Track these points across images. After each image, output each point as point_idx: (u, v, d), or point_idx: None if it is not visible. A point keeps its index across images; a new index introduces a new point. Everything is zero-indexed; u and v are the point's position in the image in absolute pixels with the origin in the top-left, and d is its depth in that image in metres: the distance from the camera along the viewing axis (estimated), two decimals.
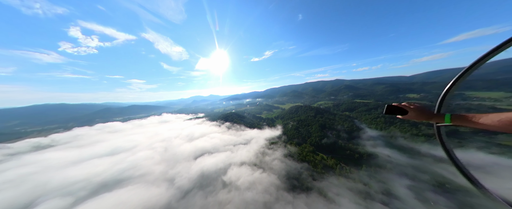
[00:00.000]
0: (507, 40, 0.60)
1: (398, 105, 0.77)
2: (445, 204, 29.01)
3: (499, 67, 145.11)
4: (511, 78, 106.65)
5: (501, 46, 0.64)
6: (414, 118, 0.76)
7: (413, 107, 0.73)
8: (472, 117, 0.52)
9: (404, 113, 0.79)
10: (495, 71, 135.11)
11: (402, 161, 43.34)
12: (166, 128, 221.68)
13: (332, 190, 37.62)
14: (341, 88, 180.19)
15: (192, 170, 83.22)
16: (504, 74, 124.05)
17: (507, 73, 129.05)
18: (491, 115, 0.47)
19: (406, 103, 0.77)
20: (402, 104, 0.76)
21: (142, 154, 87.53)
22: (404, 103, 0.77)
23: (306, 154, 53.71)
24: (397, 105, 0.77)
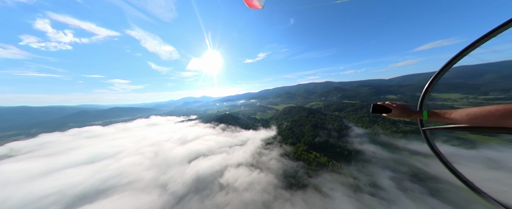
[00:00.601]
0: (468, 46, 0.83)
1: (382, 104, 0.85)
2: (419, 191, 33.88)
3: (456, 72, 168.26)
4: (464, 82, 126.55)
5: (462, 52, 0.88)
6: (397, 116, 0.85)
7: (395, 106, 0.82)
8: (445, 113, 0.62)
9: (388, 112, 0.88)
10: (453, 76, 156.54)
11: (385, 156, 48.50)
12: (155, 132, 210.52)
13: (326, 185, 40.91)
14: (330, 90, 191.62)
15: (186, 174, 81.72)
16: (459, 79, 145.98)
17: (461, 78, 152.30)
18: (460, 110, 0.55)
19: (389, 102, 0.86)
20: (386, 103, 0.84)
21: (129, 160, 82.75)
22: (388, 102, 0.86)
23: (301, 153, 56.59)
24: (381, 104, 0.86)
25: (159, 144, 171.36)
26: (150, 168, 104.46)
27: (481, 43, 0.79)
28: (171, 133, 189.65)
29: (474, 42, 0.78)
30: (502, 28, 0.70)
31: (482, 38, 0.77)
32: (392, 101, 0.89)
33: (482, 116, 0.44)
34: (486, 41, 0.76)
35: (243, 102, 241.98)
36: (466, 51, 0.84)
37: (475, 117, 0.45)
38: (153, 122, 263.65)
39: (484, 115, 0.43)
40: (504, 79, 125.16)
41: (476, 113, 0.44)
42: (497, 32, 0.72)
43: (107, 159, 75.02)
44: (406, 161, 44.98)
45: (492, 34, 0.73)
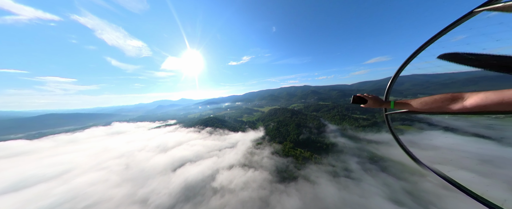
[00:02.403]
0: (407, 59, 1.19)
1: (360, 96, 1.00)
2: (375, 169, 46.45)
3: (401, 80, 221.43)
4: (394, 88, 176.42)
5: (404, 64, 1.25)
6: (371, 106, 1.00)
7: (371, 97, 0.98)
8: (408, 101, 0.81)
9: (365, 102, 1.03)
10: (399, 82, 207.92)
11: (352, 146, 61.64)
12: (122, 141, 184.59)
13: (313, 174, 49.71)
14: (308, 93, 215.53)
15: (172, 183, 78.46)
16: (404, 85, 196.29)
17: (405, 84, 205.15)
18: (417, 99, 0.74)
19: (366, 94, 1.00)
20: (364, 94, 0.99)
21: (86, 178, 70.68)
22: (365, 94, 1.01)
23: (288, 150, 64.40)
24: (360, 96, 1.01)
25: (130, 155, 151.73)
26: (121, 184, 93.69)
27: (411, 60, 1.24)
28: (145, 141, 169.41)
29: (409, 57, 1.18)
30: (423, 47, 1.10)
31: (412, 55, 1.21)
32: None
33: (431, 102, 0.65)
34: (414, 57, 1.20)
35: (228, 105, 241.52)
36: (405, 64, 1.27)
37: (425, 103, 0.66)
38: (117, 130, 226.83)
39: (431, 102, 0.64)
40: (415, 86, 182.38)
41: (427, 101, 0.66)
42: (420, 51, 1.13)
43: (45, 182, 60.03)
44: (365, 148, 58.92)
45: (416, 53, 1.15)
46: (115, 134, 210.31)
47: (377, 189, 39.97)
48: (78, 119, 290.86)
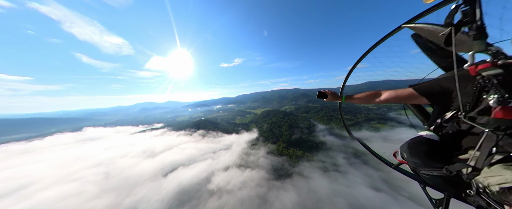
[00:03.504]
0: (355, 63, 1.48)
1: (322, 91, 1.23)
2: (359, 162, 53.37)
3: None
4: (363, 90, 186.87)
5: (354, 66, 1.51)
6: (331, 100, 1.25)
7: (329, 92, 1.21)
8: (354, 96, 1.08)
9: (326, 97, 1.25)
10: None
11: (338, 143, 68.72)
12: (98, 148, 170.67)
13: (306, 171, 54.60)
14: (298, 95, 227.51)
15: (164, 189, 76.63)
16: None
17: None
18: (360, 94, 1.05)
19: (327, 90, 1.24)
20: (325, 90, 1.21)
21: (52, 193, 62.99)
22: (327, 90, 1.23)
23: (282, 149, 68.58)
24: (322, 92, 1.23)
25: (109, 163, 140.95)
26: (100, 195, 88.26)
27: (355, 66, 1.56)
28: (127, 146, 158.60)
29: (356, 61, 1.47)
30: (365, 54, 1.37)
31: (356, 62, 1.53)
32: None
33: (366, 96, 0.98)
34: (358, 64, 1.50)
35: (220, 107, 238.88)
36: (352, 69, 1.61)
37: (363, 97, 0.99)
38: (91, 136, 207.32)
39: (366, 96, 0.97)
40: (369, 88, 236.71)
41: (363, 95, 0.99)
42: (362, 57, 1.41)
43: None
44: (350, 144, 66.45)
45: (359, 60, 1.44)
46: (88, 141, 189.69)
47: (360, 179, 46.39)
48: (35, 125, 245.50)
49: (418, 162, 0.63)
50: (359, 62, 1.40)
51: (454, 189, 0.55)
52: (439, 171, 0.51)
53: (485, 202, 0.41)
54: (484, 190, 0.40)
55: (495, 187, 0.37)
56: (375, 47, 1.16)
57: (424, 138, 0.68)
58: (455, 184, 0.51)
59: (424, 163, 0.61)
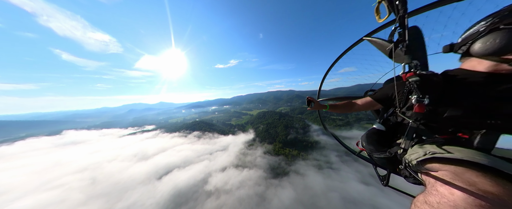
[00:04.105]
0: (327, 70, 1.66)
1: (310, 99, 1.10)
2: (350, 160, 57.21)
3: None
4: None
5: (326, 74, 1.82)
6: (316, 108, 1.10)
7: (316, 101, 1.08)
8: (336, 104, 1.09)
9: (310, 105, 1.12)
10: None
11: (331, 142, 72.58)
12: (82, 152, 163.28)
13: (302, 169, 57.31)
14: (293, 97, 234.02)
15: (158, 192, 75.40)
16: None
17: None
18: (340, 103, 1.08)
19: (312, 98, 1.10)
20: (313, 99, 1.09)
21: (30, 202, 58.40)
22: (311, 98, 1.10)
23: (278, 149, 70.85)
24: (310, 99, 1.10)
25: (96, 168, 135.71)
26: (87, 202, 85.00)
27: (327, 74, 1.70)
28: (116, 150, 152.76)
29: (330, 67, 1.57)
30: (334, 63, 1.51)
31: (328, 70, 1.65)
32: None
33: (344, 106, 1.02)
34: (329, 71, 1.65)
35: (215, 108, 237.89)
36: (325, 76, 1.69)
37: (342, 107, 1.03)
38: (72, 139, 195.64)
39: (344, 106, 1.02)
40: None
41: (343, 105, 1.03)
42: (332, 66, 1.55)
43: None
44: None
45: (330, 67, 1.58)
46: (69, 145, 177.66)
47: (352, 175, 49.94)
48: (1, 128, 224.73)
49: (371, 148, 0.85)
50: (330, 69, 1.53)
51: (392, 166, 0.77)
52: (384, 153, 0.72)
53: (409, 173, 0.60)
54: (408, 164, 0.56)
55: (414, 161, 0.53)
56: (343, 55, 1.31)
57: (375, 129, 0.93)
58: (393, 162, 0.70)
59: (375, 149, 0.83)
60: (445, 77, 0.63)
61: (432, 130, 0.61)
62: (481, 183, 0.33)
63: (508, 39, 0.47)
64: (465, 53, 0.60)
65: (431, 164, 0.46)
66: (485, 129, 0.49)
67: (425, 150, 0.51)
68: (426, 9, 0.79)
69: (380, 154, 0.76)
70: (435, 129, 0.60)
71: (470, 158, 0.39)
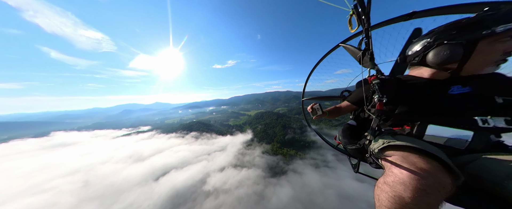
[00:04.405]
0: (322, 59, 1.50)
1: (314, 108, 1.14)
2: (345, 158, 59.46)
3: None
4: None
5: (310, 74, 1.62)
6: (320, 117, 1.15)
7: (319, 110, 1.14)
8: (330, 110, 1.15)
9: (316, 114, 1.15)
10: None
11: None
12: (72, 154, 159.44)
13: (300, 168, 58.95)
14: (291, 98, 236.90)
15: (156, 193, 75.21)
16: None
17: None
18: (331, 107, 1.18)
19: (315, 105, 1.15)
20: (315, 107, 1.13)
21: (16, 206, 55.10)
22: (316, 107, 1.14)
23: (276, 149, 72.26)
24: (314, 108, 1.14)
25: (89, 170, 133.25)
26: (79, 205, 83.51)
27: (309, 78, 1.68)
28: (109, 151, 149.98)
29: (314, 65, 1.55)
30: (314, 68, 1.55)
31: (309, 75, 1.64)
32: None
33: (335, 111, 1.14)
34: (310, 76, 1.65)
35: (213, 109, 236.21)
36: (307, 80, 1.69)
37: (334, 111, 1.14)
38: (61, 141, 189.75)
39: (335, 111, 1.14)
40: None
41: (333, 110, 1.14)
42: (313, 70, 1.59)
43: None
44: None
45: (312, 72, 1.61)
46: (58, 147, 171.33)
47: (347, 173, 51.97)
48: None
49: (345, 141, 1.00)
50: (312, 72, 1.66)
51: (361, 155, 0.90)
52: (355, 145, 0.86)
53: (372, 160, 0.72)
54: (372, 153, 0.68)
55: (375, 150, 0.65)
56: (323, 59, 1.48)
57: (349, 125, 1.09)
58: (362, 152, 0.83)
59: (349, 141, 0.97)
60: (397, 81, 0.81)
61: (396, 124, 0.78)
62: (419, 163, 0.46)
63: (450, 52, 0.61)
64: (417, 63, 0.76)
65: (388, 151, 0.59)
66: (420, 121, 0.67)
67: (383, 140, 0.64)
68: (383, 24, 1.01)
69: (352, 145, 0.89)
70: (391, 123, 0.78)
71: (411, 144, 0.54)
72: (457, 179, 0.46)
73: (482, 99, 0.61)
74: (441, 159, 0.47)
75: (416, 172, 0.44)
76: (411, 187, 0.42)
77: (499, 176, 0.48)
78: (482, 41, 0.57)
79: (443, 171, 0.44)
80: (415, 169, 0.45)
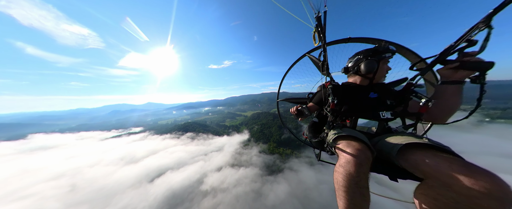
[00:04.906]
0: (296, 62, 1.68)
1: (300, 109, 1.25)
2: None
3: None
4: None
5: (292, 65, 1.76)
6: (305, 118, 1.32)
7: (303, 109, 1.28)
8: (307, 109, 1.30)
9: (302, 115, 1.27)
10: None
11: None
12: (56, 158, 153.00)
13: (295, 166, 61.52)
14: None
15: (151, 195, 74.51)
16: None
17: None
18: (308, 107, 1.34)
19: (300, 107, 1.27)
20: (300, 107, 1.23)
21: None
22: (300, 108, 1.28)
23: (273, 148, 74.44)
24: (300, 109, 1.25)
25: (75, 174, 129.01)
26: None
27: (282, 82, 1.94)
28: (98, 154, 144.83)
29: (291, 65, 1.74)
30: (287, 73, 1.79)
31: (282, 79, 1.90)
32: None
33: (312, 109, 1.32)
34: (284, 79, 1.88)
35: (209, 109, 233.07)
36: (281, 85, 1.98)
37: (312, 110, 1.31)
38: (41, 144, 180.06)
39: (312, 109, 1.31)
40: None
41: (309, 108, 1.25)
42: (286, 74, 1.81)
43: None
44: None
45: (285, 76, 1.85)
46: (38, 150, 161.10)
47: None
48: None
49: (310, 135, 1.26)
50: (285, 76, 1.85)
51: (322, 146, 1.14)
52: (317, 138, 1.09)
53: (329, 149, 0.96)
54: (328, 143, 0.91)
55: (330, 141, 0.87)
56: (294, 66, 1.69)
57: (313, 122, 1.36)
58: (322, 144, 1.06)
59: (313, 136, 1.22)
60: (342, 86, 1.18)
61: (341, 119, 1.12)
62: (356, 145, 0.72)
63: (372, 64, 1.04)
64: (354, 72, 1.17)
65: (338, 141, 0.83)
66: (354, 116, 1.06)
67: (335, 132, 0.90)
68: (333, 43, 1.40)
69: (315, 138, 1.13)
70: (339, 118, 1.09)
71: (350, 134, 0.81)
72: (373, 153, 0.72)
73: (382, 101, 1.05)
74: (365, 142, 0.76)
75: (355, 152, 0.69)
76: (354, 163, 0.65)
77: (388, 148, 0.80)
78: (381, 61, 1.06)
79: (367, 149, 0.71)
80: (354, 150, 0.70)
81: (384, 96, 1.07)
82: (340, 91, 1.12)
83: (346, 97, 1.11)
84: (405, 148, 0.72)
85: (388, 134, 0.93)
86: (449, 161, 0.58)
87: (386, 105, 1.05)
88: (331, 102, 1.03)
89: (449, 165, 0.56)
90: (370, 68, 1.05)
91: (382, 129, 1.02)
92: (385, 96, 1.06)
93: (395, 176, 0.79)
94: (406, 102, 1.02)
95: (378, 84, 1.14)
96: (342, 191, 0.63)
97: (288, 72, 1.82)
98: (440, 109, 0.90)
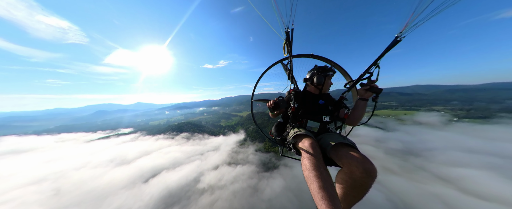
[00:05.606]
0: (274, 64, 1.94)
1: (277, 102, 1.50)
2: None
3: None
4: None
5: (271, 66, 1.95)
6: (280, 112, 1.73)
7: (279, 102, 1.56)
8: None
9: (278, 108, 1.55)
10: None
11: None
12: (35, 161, 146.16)
13: (290, 162, 65.51)
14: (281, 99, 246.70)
15: (146, 195, 74.34)
16: None
17: None
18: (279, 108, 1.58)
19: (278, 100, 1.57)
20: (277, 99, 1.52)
21: None
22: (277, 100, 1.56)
23: (268, 147, 77.99)
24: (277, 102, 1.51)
25: (59, 177, 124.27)
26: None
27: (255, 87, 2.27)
28: (85, 156, 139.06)
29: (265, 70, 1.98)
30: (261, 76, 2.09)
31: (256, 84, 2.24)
32: None
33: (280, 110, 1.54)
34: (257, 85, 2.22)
35: (203, 110, 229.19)
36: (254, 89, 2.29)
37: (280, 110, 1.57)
38: (13, 147, 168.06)
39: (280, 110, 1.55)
40: None
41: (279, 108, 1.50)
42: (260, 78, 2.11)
43: None
44: None
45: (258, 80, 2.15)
46: (9, 154, 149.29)
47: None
48: None
49: (276, 134, 1.55)
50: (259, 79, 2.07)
51: (284, 143, 1.38)
52: (281, 136, 1.37)
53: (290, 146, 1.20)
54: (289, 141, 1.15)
55: (291, 139, 1.13)
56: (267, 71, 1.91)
57: (278, 122, 1.67)
58: (285, 141, 1.32)
59: (278, 134, 1.52)
60: (302, 93, 1.51)
61: (298, 120, 1.36)
62: (308, 142, 0.97)
63: (321, 78, 1.37)
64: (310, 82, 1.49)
65: (297, 139, 1.08)
66: (306, 118, 1.31)
67: (294, 131, 1.14)
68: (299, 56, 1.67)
69: (279, 137, 1.43)
70: (298, 120, 1.35)
71: (304, 132, 1.09)
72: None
73: (326, 107, 1.37)
74: (314, 139, 1.03)
75: (309, 148, 0.94)
76: (310, 156, 0.89)
77: (325, 144, 1.08)
78: (327, 77, 1.42)
79: (316, 145, 0.98)
80: (308, 146, 0.95)
81: (328, 103, 1.42)
82: (300, 97, 1.45)
83: (304, 102, 1.41)
84: (335, 145, 1.04)
85: (326, 134, 1.25)
86: (355, 155, 0.90)
87: (328, 110, 1.38)
88: (293, 106, 1.31)
89: (354, 157, 0.89)
90: (320, 81, 1.39)
91: (322, 129, 1.32)
92: (328, 103, 1.42)
93: (328, 164, 1.09)
94: (338, 110, 1.39)
95: (325, 94, 1.52)
96: (312, 175, 0.83)
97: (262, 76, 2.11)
98: (353, 117, 1.33)
